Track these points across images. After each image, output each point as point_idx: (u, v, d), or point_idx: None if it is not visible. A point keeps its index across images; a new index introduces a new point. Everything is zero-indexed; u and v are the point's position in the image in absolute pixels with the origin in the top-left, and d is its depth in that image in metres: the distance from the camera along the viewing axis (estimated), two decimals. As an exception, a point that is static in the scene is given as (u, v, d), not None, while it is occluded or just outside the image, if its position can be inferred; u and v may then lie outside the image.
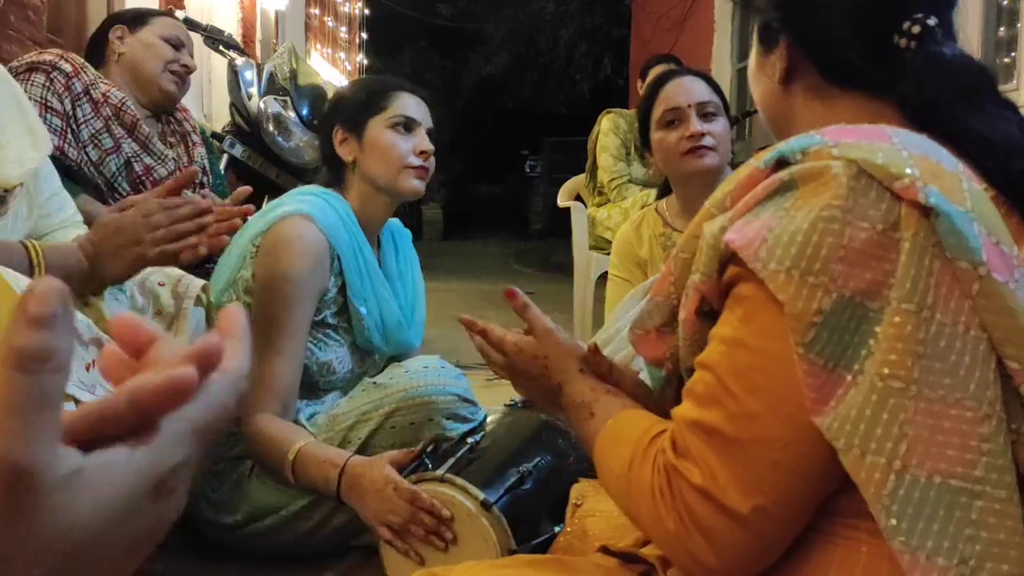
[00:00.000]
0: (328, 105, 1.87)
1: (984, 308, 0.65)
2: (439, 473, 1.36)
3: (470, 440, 1.47)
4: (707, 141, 1.80)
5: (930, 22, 0.80)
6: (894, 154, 0.68)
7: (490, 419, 1.62)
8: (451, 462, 1.40)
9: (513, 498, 1.36)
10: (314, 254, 1.60)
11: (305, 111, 3.15)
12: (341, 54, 8.51)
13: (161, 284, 1.48)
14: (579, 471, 1.41)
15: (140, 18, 2.18)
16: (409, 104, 1.72)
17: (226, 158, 2.97)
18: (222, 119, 3.69)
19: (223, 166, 2.84)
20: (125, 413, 0.32)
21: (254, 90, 3.05)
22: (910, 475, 0.63)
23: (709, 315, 0.75)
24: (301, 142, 3.09)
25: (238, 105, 3.06)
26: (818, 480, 0.68)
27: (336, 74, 7.83)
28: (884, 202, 0.66)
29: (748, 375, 0.69)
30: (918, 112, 0.79)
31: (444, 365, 1.70)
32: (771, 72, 0.89)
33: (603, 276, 2.58)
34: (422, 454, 1.44)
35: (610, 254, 2.10)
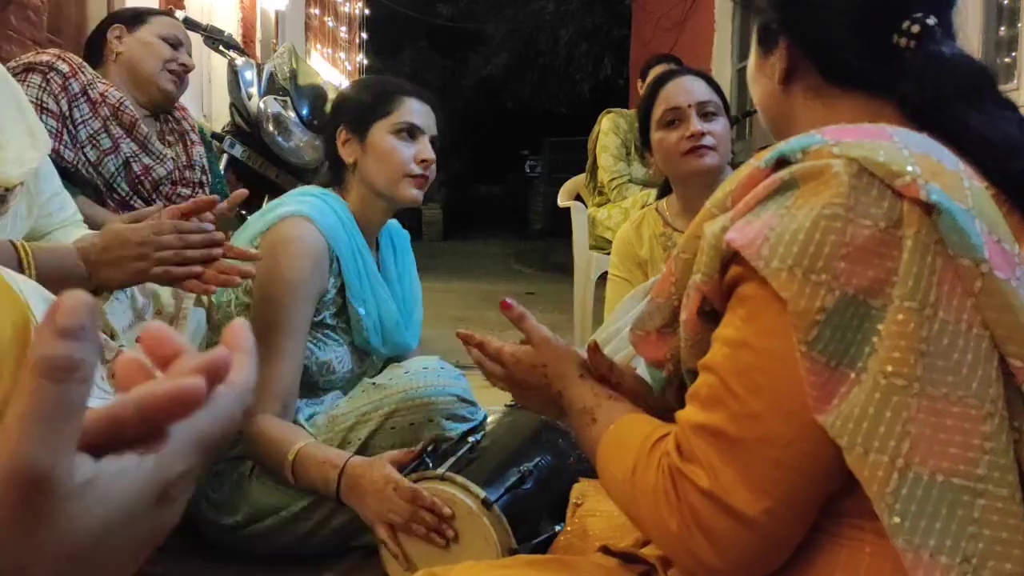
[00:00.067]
0: (334, 104, 1.85)
1: (986, 306, 0.65)
2: (440, 472, 1.36)
3: (470, 439, 1.48)
4: (707, 141, 1.80)
5: (929, 22, 0.80)
6: (895, 152, 0.68)
7: (490, 419, 1.62)
8: (451, 461, 1.40)
9: (514, 497, 1.36)
10: (313, 255, 1.60)
11: (305, 111, 3.15)
12: (341, 54, 8.51)
13: None
14: (579, 471, 1.41)
15: (138, 17, 2.17)
16: (415, 110, 1.70)
17: (226, 158, 2.96)
18: (222, 119, 3.68)
19: (223, 166, 2.84)
20: (133, 420, 0.32)
21: (254, 90, 3.04)
22: (913, 473, 0.63)
23: (711, 315, 0.75)
24: (301, 142, 3.09)
25: (238, 105, 3.06)
26: (821, 479, 0.68)
27: (336, 74, 7.83)
28: (886, 200, 0.66)
29: (750, 375, 0.69)
30: (918, 111, 0.79)
31: (444, 366, 1.70)
32: (771, 73, 0.89)
33: (603, 276, 2.58)
34: (422, 453, 1.44)
35: (610, 254, 2.10)
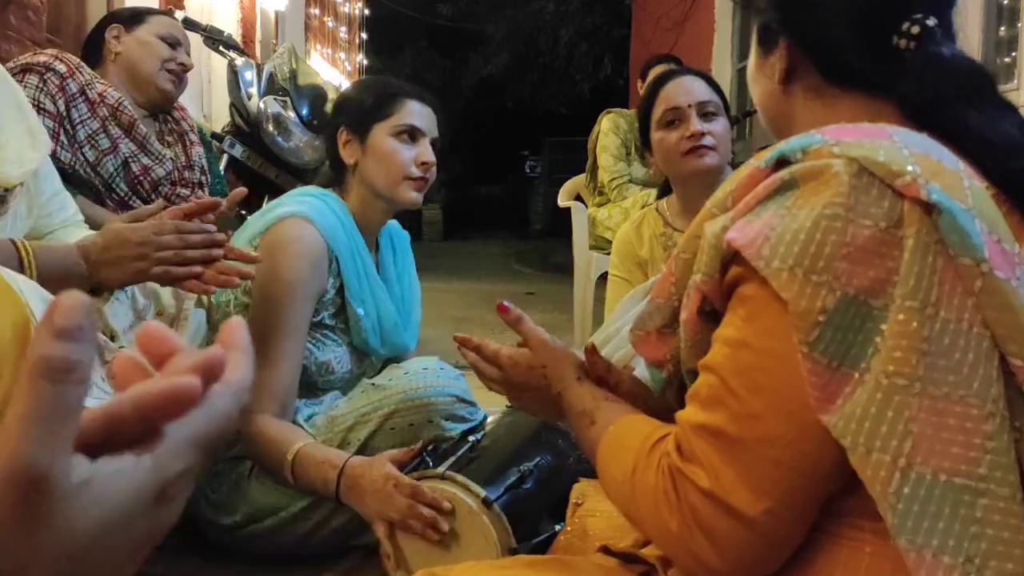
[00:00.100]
0: (335, 104, 1.85)
1: (986, 305, 0.65)
2: (440, 471, 1.37)
3: (471, 439, 1.48)
4: (707, 141, 1.80)
5: (929, 22, 0.80)
6: (895, 152, 0.68)
7: (490, 419, 1.62)
8: (452, 460, 1.40)
9: (513, 497, 1.36)
10: (313, 255, 1.60)
11: (305, 111, 3.15)
12: (341, 54, 8.50)
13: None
14: (579, 471, 1.41)
15: (136, 17, 2.17)
16: (416, 112, 1.70)
17: (226, 158, 2.96)
18: (222, 119, 3.68)
19: (223, 166, 2.84)
20: (130, 419, 0.32)
21: (254, 90, 3.04)
22: (915, 473, 0.63)
23: (711, 316, 0.75)
24: (301, 142, 3.09)
25: (238, 105, 3.05)
26: (822, 479, 0.68)
27: (336, 74, 7.83)
28: (886, 200, 0.66)
29: (750, 375, 0.69)
30: (918, 111, 0.79)
31: (443, 366, 1.70)
32: (771, 73, 0.89)
33: (603, 276, 2.58)
34: (422, 452, 1.44)
35: (610, 254, 2.10)
